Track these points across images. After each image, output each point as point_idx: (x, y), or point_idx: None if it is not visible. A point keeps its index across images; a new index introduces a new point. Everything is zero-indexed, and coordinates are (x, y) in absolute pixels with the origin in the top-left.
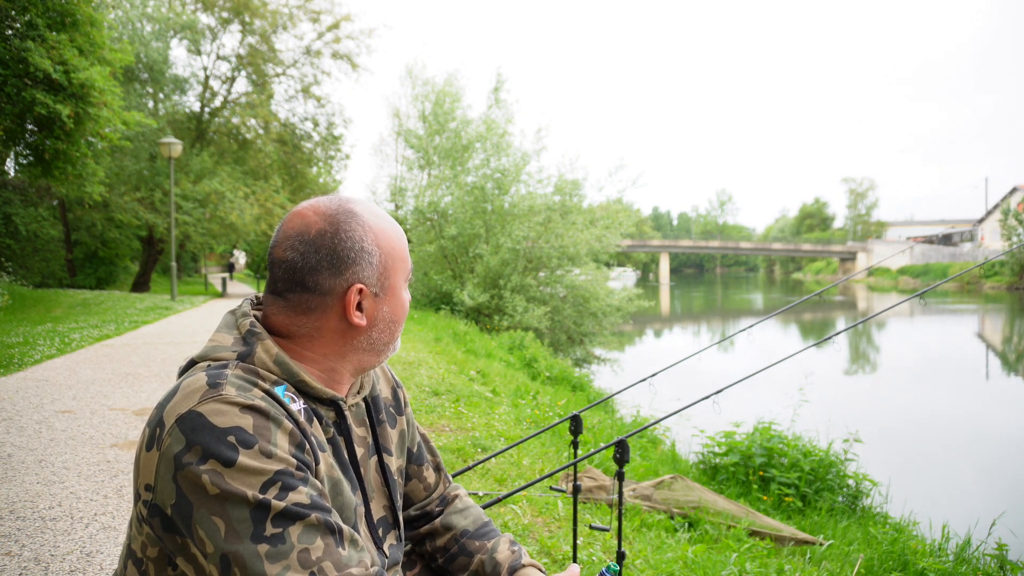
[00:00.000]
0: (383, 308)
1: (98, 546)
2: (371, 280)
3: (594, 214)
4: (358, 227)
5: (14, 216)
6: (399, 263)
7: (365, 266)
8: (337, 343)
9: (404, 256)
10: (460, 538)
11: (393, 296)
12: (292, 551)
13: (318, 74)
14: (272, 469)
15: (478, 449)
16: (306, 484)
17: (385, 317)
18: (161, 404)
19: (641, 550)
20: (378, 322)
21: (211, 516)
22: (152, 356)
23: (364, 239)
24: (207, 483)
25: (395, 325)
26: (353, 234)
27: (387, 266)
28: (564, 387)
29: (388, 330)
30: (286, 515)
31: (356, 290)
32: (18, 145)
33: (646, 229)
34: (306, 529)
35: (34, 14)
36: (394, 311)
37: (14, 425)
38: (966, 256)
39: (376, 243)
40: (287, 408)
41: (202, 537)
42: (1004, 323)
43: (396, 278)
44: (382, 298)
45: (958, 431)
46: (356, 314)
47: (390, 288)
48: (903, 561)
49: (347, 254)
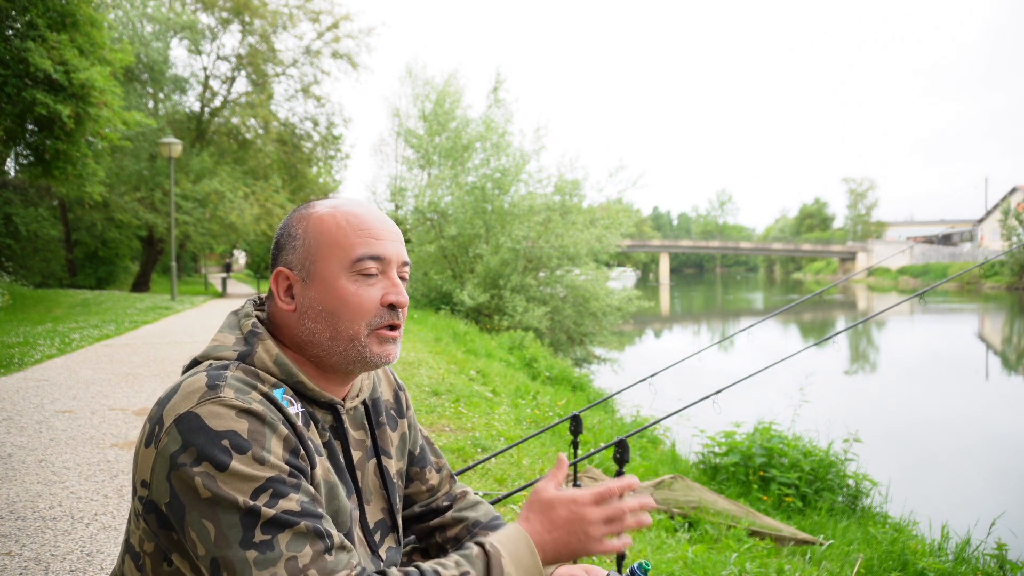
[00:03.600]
0: (310, 294)
1: (98, 546)
2: (294, 264)
3: (594, 214)
4: (298, 216)
5: (14, 216)
6: (331, 248)
7: (289, 250)
8: (288, 332)
9: (344, 244)
10: (472, 528)
11: (322, 283)
12: (280, 558)
13: (318, 74)
14: (264, 476)
15: (478, 449)
16: (298, 491)
17: (314, 305)
18: (162, 401)
19: (641, 550)
20: (306, 310)
21: (202, 519)
22: (152, 356)
23: (295, 225)
24: (199, 486)
25: (332, 318)
26: (290, 222)
27: (311, 250)
28: (564, 387)
29: (323, 321)
30: (275, 523)
31: (279, 273)
32: (18, 145)
33: (646, 229)
34: (295, 537)
35: (34, 14)
36: (325, 300)
37: (14, 425)
38: (966, 256)
39: (304, 228)
40: (284, 412)
41: (193, 539)
42: (1004, 323)
43: (324, 264)
44: (309, 284)
45: (958, 431)
46: (283, 299)
47: (317, 274)
48: (903, 561)
49: (281, 241)
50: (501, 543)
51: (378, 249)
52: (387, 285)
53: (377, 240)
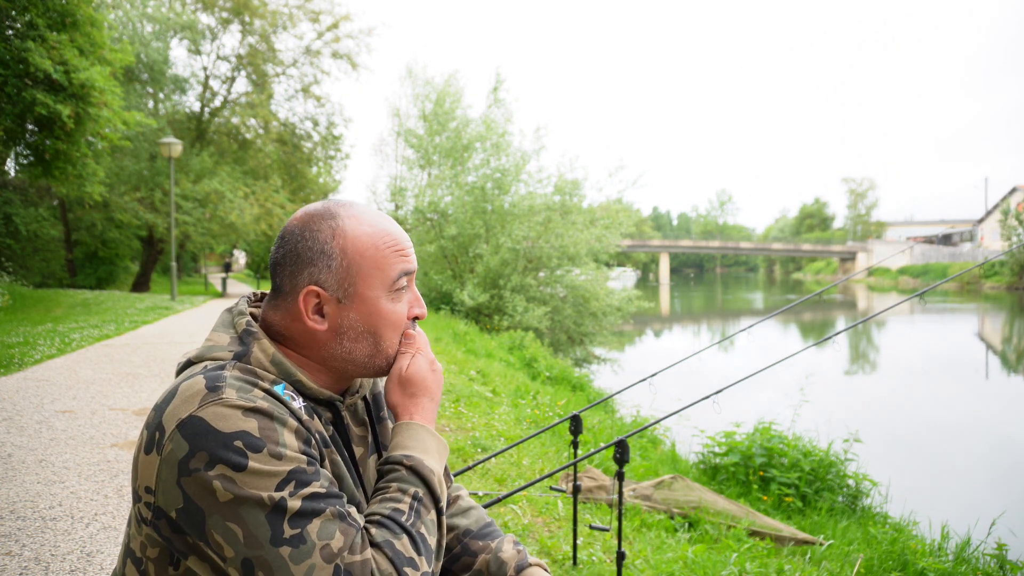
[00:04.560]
0: (349, 315)
1: (98, 546)
2: (329, 284)
3: (594, 214)
4: (327, 228)
5: (14, 216)
6: (372, 271)
7: (323, 268)
8: (312, 348)
9: (384, 265)
10: (463, 538)
11: (363, 304)
12: (314, 548)
13: (318, 74)
14: (285, 470)
15: (478, 449)
16: (318, 477)
17: (355, 326)
18: (159, 407)
19: (641, 550)
20: (346, 330)
21: (226, 522)
22: (152, 356)
23: (328, 241)
24: (219, 489)
25: (375, 337)
26: (318, 235)
27: (351, 271)
28: (564, 387)
29: (364, 341)
30: (303, 513)
31: (310, 292)
32: (18, 145)
33: (646, 229)
34: (324, 523)
35: (34, 14)
36: (368, 321)
37: (14, 425)
38: (966, 256)
39: (341, 246)
40: (289, 406)
41: (219, 542)
42: (1004, 323)
43: (365, 286)
44: (347, 305)
45: (958, 431)
46: (313, 318)
47: (357, 296)
48: (903, 561)
49: (306, 254)
50: (412, 449)
51: (409, 265)
52: (411, 298)
53: (407, 256)
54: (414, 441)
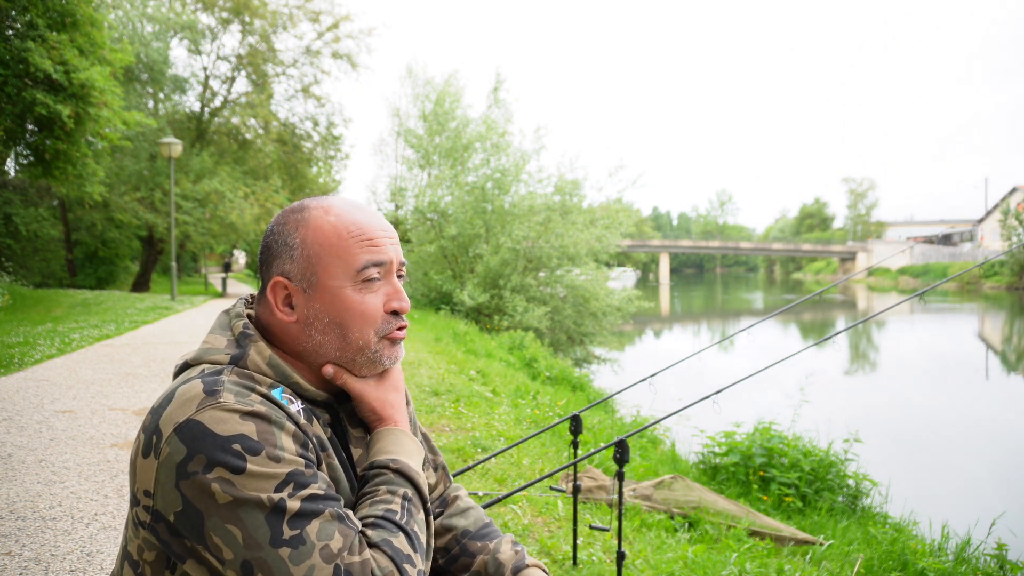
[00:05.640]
0: (314, 305)
1: (98, 546)
2: (293, 274)
3: (594, 214)
4: (293, 221)
5: (14, 216)
6: (332, 260)
7: (287, 259)
8: (287, 341)
9: (344, 254)
10: (461, 538)
11: (326, 293)
12: (313, 549)
13: (318, 74)
14: (283, 472)
15: (478, 449)
16: (316, 479)
17: (320, 317)
18: (156, 410)
19: (641, 550)
20: (312, 321)
21: (225, 524)
22: (152, 356)
23: (292, 232)
24: (217, 491)
25: (340, 328)
26: (285, 227)
27: (311, 260)
28: (564, 387)
29: (331, 333)
30: (302, 515)
31: (277, 283)
32: (18, 145)
33: (646, 229)
34: (323, 524)
35: (34, 14)
36: (332, 311)
37: (14, 425)
38: (966, 256)
39: (303, 236)
40: (286, 410)
41: (218, 544)
42: (1004, 323)
43: (327, 275)
44: (312, 295)
45: (958, 431)
46: (283, 309)
47: (319, 285)
48: (903, 561)
49: (274, 248)
50: (395, 453)
51: (380, 255)
52: (389, 291)
53: (378, 247)
54: (398, 446)
